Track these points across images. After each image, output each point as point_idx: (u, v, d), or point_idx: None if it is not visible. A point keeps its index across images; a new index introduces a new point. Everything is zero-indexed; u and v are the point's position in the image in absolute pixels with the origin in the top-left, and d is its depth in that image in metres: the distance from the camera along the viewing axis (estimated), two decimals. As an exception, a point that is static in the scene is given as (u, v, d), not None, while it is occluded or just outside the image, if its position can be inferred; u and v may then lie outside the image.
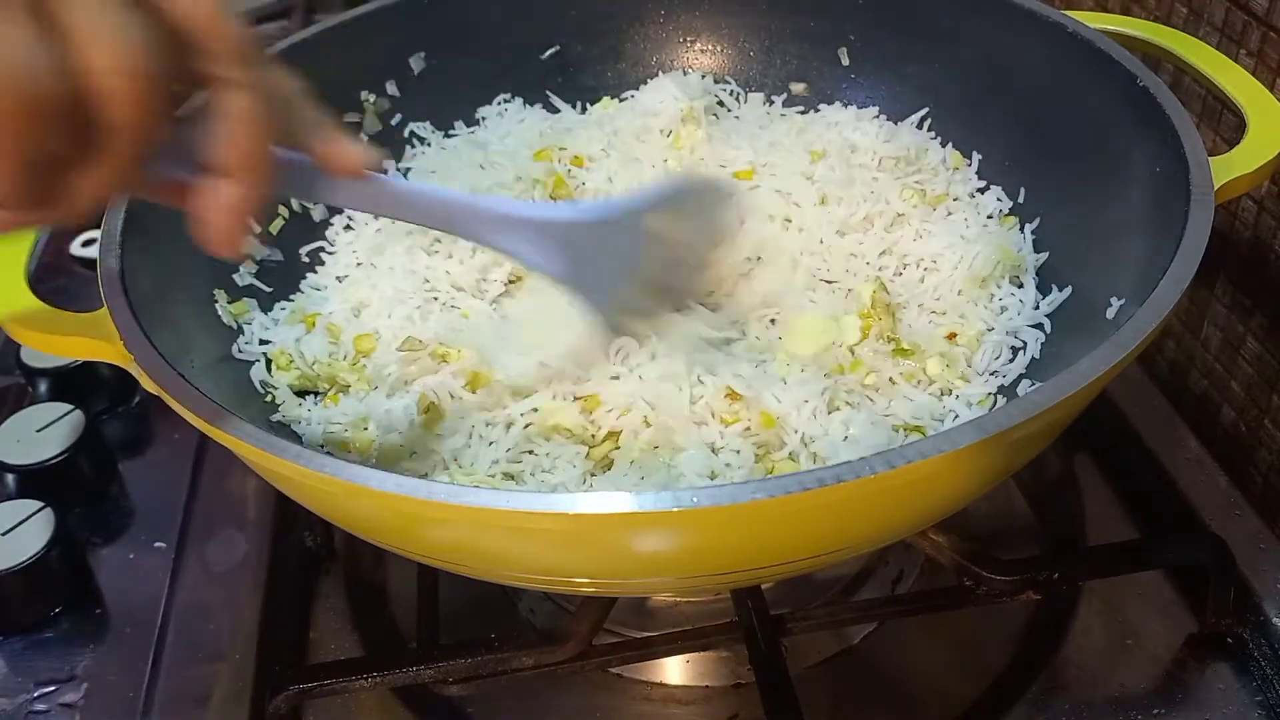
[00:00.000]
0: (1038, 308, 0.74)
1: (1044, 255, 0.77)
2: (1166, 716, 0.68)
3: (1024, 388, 0.70)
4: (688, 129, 0.89)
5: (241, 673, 0.73)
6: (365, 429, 0.71)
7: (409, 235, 0.83)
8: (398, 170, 0.92)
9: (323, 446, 0.71)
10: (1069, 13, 0.78)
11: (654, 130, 0.91)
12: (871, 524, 0.56)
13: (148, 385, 0.59)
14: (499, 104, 0.95)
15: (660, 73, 0.97)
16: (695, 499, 0.47)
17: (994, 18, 0.82)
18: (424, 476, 0.67)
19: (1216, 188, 0.63)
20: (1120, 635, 0.73)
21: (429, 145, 0.92)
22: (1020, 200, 0.81)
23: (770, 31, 0.96)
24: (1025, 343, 0.73)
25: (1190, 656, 0.71)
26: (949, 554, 0.68)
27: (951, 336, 0.73)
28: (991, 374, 0.72)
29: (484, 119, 0.95)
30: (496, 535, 0.53)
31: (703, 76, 0.96)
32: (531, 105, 0.95)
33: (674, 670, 0.74)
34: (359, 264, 0.83)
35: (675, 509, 0.47)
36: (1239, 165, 0.66)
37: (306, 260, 0.84)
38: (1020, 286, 0.76)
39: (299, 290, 0.82)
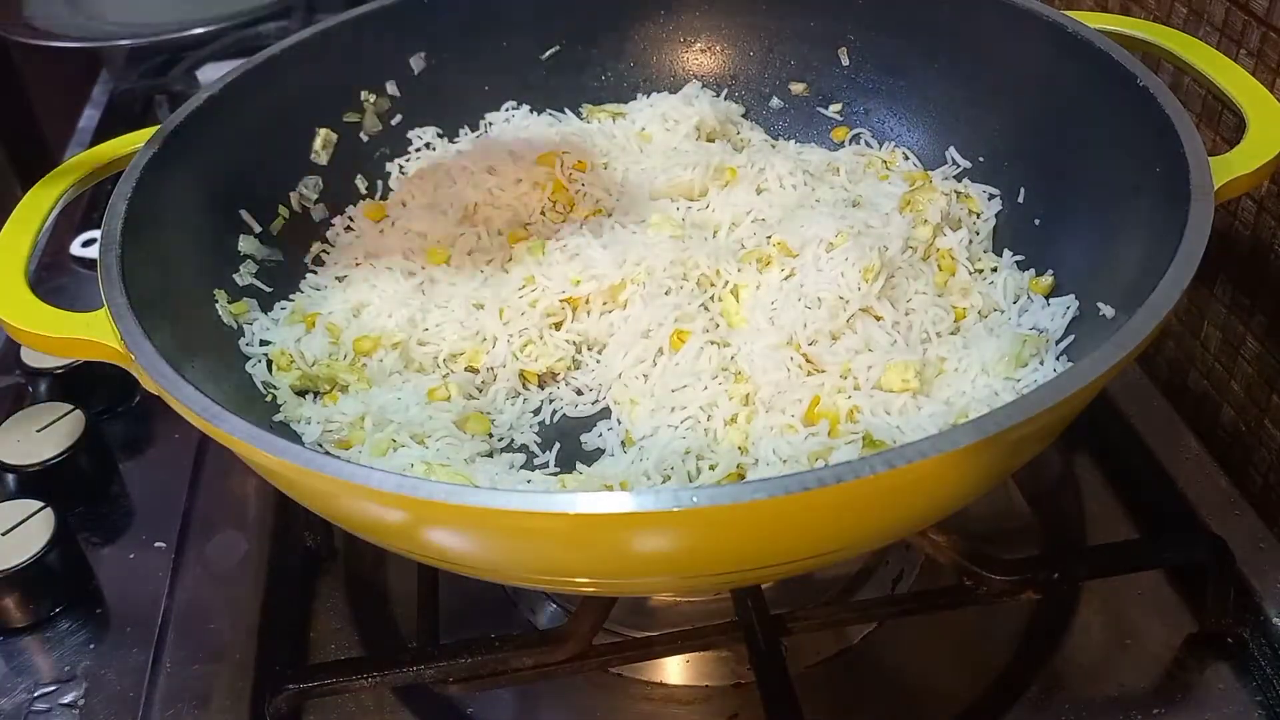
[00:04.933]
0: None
1: (1070, 338, 0.71)
2: (1166, 716, 0.68)
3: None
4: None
5: (241, 672, 0.73)
6: (364, 428, 0.71)
7: (406, 236, 0.84)
8: (401, 170, 0.91)
9: (322, 446, 0.71)
10: (1069, 13, 0.78)
11: (657, 141, 0.91)
12: (871, 524, 0.56)
13: (148, 385, 0.59)
14: (506, 110, 0.95)
15: (661, 73, 0.97)
16: (695, 498, 0.47)
17: (994, 18, 0.82)
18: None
19: (1216, 188, 0.63)
20: (1120, 635, 0.73)
21: (433, 149, 0.92)
22: (1020, 200, 0.81)
23: (770, 32, 0.96)
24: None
25: (1190, 656, 0.71)
26: (949, 554, 0.68)
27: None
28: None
29: (491, 124, 0.95)
30: (496, 535, 0.53)
31: (718, 94, 0.96)
32: (539, 113, 0.95)
33: (674, 670, 0.74)
34: (358, 264, 0.83)
35: (675, 509, 0.47)
36: (1239, 165, 0.66)
37: (307, 260, 0.84)
38: (1042, 364, 0.70)
39: (299, 290, 0.82)
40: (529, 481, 0.70)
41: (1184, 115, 0.67)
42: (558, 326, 0.79)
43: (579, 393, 0.77)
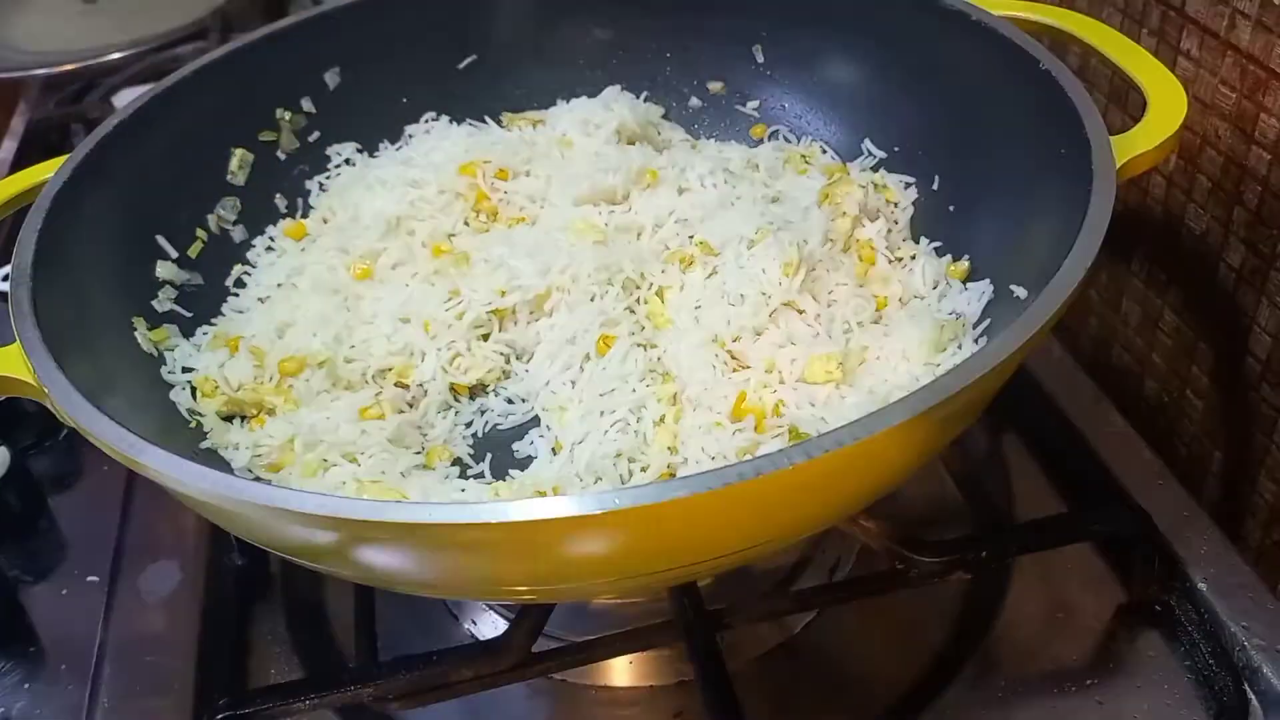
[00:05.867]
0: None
1: (987, 320, 0.72)
2: (1100, 687, 0.69)
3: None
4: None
5: (181, 703, 0.71)
6: (294, 449, 0.71)
7: (327, 253, 0.83)
8: (321, 187, 0.90)
9: (252, 471, 0.70)
10: (974, 0, 0.79)
11: (578, 146, 0.91)
12: (798, 514, 0.57)
13: (64, 419, 0.58)
14: (425, 121, 0.94)
15: (579, 77, 0.97)
16: (617, 500, 0.47)
17: (900, 9, 0.84)
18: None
19: (1119, 166, 0.64)
20: (1052, 609, 0.74)
21: (353, 164, 0.92)
22: (935, 188, 0.82)
23: (685, 31, 0.97)
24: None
25: (1120, 626, 0.73)
26: (880, 539, 0.68)
27: None
28: None
29: (411, 136, 0.94)
30: (423, 549, 0.53)
31: (638, 97, 0.96)
32: (459, 123, 0.95)
33: (618, 672, 0.75)
34: (279, 284, 0.82)
35: (598, 511, 0.47)
36: (1141, 143, 0.67)
37: (228, 283, 0.83)
38: (960, 348, 0.71)
39: (221, 314, 0.81)
40: (463, 491, 0.70)
41: (1085, 96, 0.68)
42: (485, 338, 0.79)
43: (510, 402, 0.77)
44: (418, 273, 0.82)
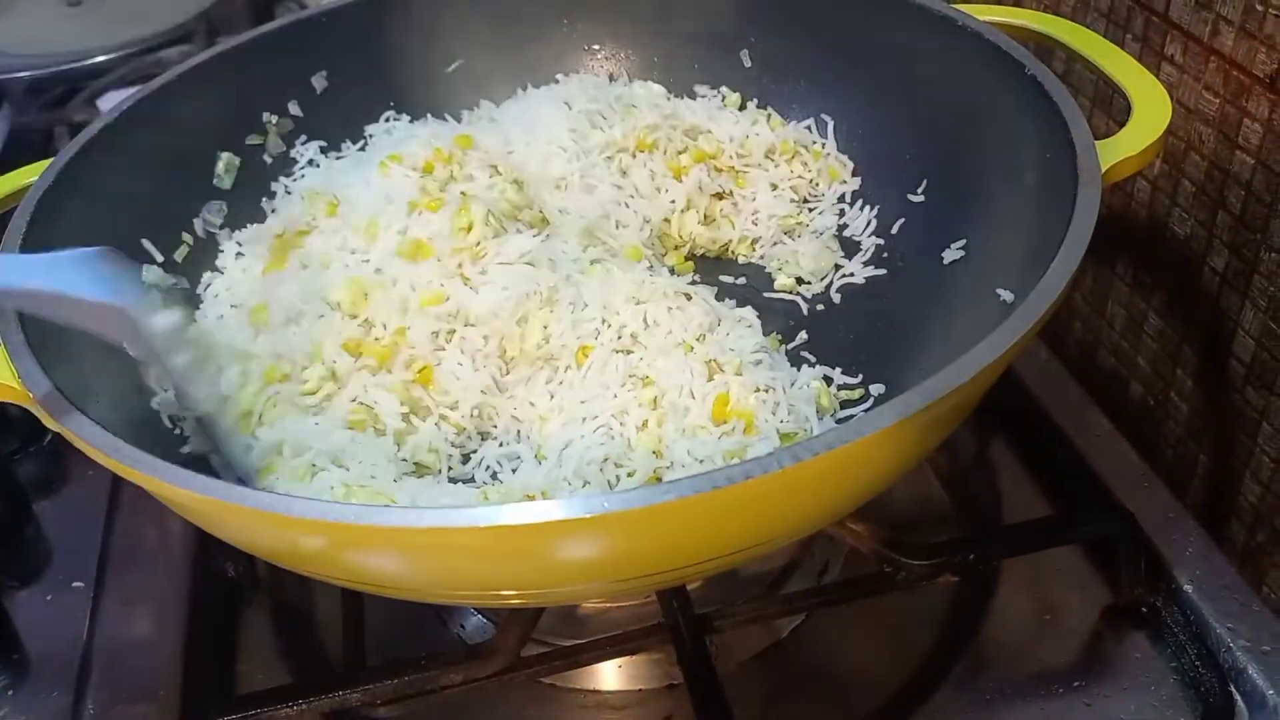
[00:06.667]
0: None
1: None
2: (1087, 688, 0.69)
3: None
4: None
5: (168, 709, 0.71)
6: (281, 454, 0.70)
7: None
8: (285, 190, 0.89)
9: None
10: (960, 6, 0.80)
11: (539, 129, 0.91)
12: (786, 518, 0.57)
13: (49, 424, 0.58)
14: (385, 120, 0.94)
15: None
16: (606, 504, 0.47)
17: (888, 14, 0.84)
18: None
19: (1104, 170, 0.64)
20: (1039, 611, 0.74)
21: (318, 165, 0.91)
22: (921, 190, 0.83)
23: (672, 37, 0.97)
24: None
25: (1107, 628, 0.73)
26: (868, 542, 0.69)
27: None
28: None
29: (371, 135, 0.93)
30: (411, 554, 0.53)
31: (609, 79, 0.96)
32: (421, 119, 0.93)
33: (607, 676, 0.75)
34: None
35: (587, 515, 0.47)
36: (1125, 147, 0.67)
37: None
38: None
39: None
40: (451, 496, 0.70)
41: (1070, 101, 0.69)
42: (474, 343, 0.79)
43: (496, 409, 0.77)
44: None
